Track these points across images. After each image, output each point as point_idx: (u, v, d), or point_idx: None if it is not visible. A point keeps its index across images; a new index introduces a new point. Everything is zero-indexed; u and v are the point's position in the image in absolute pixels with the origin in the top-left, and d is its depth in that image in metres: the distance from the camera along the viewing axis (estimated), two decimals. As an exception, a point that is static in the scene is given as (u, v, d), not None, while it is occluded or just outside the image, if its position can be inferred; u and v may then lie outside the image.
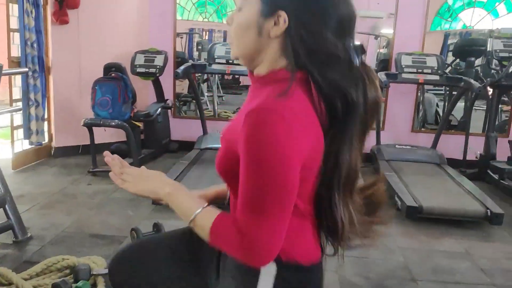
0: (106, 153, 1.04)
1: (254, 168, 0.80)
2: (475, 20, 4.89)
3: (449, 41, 5.41)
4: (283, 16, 0.85)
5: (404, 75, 4.17)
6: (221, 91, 6.42)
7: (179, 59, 4.79)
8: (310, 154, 0.84)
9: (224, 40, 6.15)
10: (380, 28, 6.72)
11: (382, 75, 4.04)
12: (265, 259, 0.84)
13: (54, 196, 3.32)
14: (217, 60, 4.23)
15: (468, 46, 4.87)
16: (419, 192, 3.31)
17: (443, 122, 4.39)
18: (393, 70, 4.48)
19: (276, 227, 0.82)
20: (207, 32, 6.70)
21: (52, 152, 4.36)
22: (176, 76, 4.04)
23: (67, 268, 2.15)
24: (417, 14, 4.54)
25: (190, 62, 4.30)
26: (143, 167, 1.04)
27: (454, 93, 4.59)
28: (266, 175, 0.80)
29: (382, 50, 6.43)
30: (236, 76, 6.40)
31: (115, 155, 1.05)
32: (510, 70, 3.79)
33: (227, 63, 4.21)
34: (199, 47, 6.17)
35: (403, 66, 4.19)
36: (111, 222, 2.88)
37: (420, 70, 4.17)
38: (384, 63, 4.92)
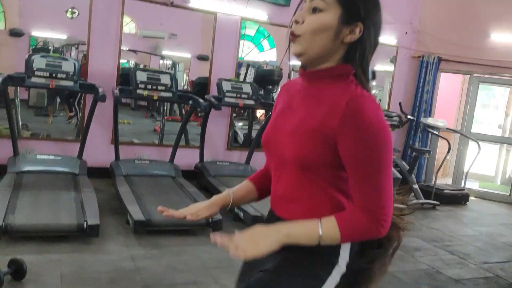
0: (215, 237, 0.98)
1: (374, 148, 0.94)
2: (245, 52, 5.68)
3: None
4: (359, 27, 0.99)
5: (226, 99, 4.60)
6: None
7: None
8: None
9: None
10: (162, 48, 6.98)
11: (212, 99, 4.36)
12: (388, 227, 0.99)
13: None
14: (37, 73, 3.81)
15: (267, 76, 5.70)
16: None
17: (255, 142, 5.01)
18: (213, 93, 4.86)
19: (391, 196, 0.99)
20: None
21: None
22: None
23: None
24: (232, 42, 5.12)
25: (6, 74, 3.70)
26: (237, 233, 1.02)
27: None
28: (384, 152, 0.95)
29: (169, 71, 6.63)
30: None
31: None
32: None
33: (50, 76, 3.84)
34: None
35: (225, 91, 4.62)
36: None
37: (238, 95, 4.68)
38: (199, 86, 5.25)
